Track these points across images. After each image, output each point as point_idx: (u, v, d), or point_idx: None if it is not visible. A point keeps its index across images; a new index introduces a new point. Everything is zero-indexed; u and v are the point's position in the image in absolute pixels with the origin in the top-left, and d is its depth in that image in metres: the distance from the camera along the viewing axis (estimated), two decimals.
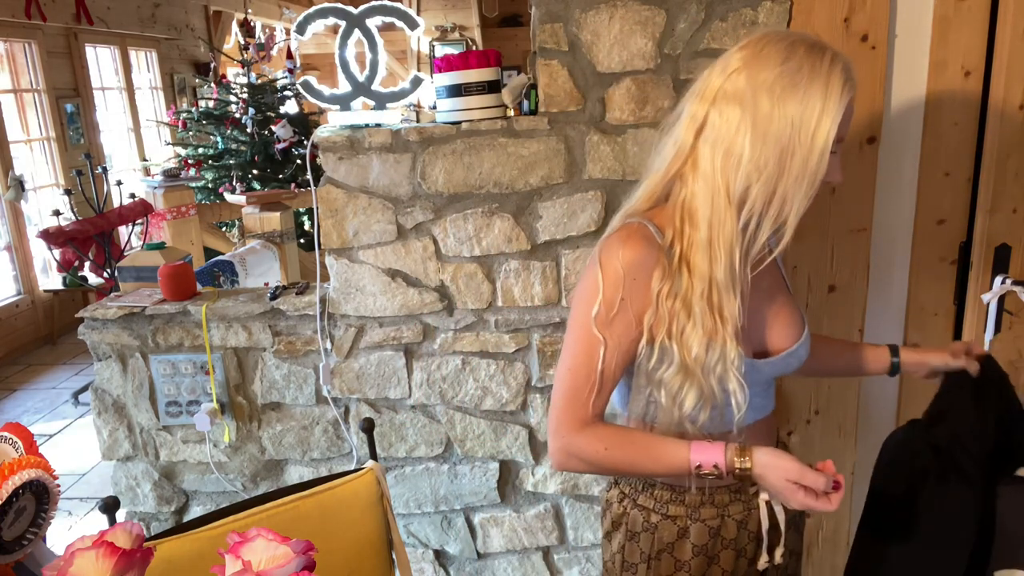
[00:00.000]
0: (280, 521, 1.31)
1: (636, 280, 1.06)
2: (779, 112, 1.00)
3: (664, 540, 1.19)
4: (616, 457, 1.08)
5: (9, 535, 1.00)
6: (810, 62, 1.00)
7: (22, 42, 5.48)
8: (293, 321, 1.93)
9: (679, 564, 1.19)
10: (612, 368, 1.08)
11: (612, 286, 1.06)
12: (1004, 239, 1.76)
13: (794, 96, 0.99)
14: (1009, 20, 1.64)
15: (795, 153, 1.00)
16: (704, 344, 1.04)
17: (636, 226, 1.09)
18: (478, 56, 1.77)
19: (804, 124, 0.99)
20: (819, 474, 1.01)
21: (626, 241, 1.07)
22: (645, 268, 1.06)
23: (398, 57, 8.78)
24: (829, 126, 0.99)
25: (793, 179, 1.01)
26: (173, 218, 4.51)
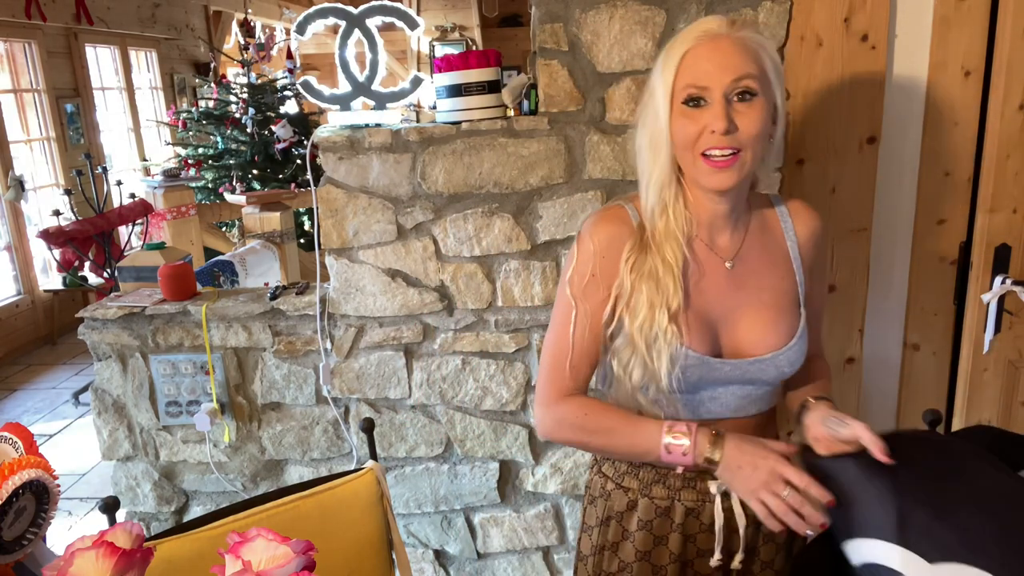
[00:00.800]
0: (280, 521, 1.31)
1: (606, 257, 1.13)
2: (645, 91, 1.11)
3: (614, 508, 1.23)
4: (594, 423, 1.13)
5: (9, 535, 1.00)
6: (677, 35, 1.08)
7: (22, 42, 5.48)
8: (293, 321, 1.93)
9: (626, 534, 1.23)
10: (586, 336, 1.15)
11: (585, 260, 1.14)
12: (1004, 239, 1.76)
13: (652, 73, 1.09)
14: (1009, 20, 1.64)
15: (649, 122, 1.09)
16: (643, 316, 1.09)
17: (615, 207, 1.17)
18: (478, 56, 1.77)
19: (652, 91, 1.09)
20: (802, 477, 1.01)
21: (601, 219, 1.16)
22: (615, 244, 1.13)
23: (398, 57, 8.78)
24: (663, 79, 1.06)
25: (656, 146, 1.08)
26: (173, 218, 4.51)
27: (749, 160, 1.05)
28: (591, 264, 1.14)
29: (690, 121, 1.04)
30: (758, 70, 1.03)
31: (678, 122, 1.05)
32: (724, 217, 1.14)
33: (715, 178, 1.05)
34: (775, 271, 1.17)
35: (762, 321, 1.14)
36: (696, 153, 1.05)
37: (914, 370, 1.89)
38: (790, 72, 1.72)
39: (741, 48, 1.03)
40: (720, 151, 1.03)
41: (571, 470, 1.99)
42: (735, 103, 1.03)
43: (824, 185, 1.78)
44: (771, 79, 1.05)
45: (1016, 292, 1.72)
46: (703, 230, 1.14)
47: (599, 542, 1.25)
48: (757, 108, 1.03)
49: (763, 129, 1.04)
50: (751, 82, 1.02)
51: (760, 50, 1.05)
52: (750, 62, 1.03)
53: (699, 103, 1.04)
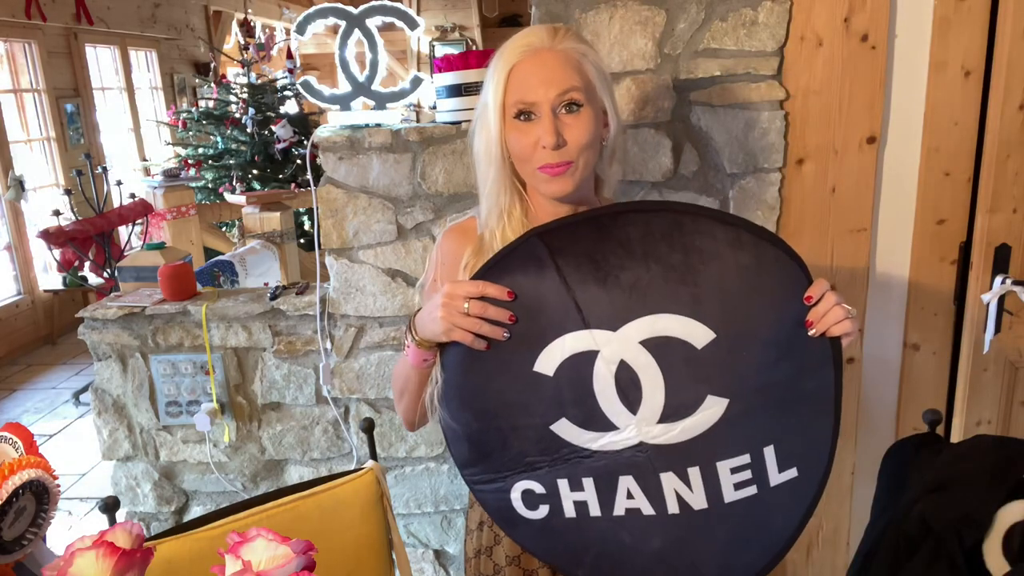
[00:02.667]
0: (280, 521, 1.31)
1: (445, 265, 1.20)
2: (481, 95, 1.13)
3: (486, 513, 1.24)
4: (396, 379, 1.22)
5: (9, 535, 1.00)
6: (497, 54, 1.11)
7: (22, 42, 5.48)
8: (293, 321, 1.93)
9: (497, 538, 1.28)
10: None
11: (431, 266, 1.23)
12: (1004, 239, 1.76)
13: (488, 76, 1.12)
14: (1009, 20, 1.64)
15: (483, 137, 1.12)
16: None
17: (468, 219, 1.23)
18: (478, 56, 1.77)
19: (483, 107, 1.12)
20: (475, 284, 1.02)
21: (449, 231, 1.23)
22: (455, 256, 1.18)
23: (398, 57, 8.78)
24: (492, 97, 1.08)
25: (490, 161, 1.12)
26: (173, 218, 4.51)
27: (581, 167, 1.09)
28: (435, 270, 1.21)
29: (523, 134, 1.08)
30: (582, 81, 1.07)
31: (512, 135, 1.09)
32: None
33: (552, 186, 1.09)
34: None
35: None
36: (533, 166, 1.09)
37: (914, 370, 1.89)
38: (790, 72, 1.72)
39: (564, 61, 1.07)
40: (553, 164, 1.07)
41: None
42: (562, 116, 1.07)
43: (824, 185, 1.78)
44: (596, 87, 1.09)
45: (1016, 292, 1.72)
46: None
47: (477, 545, 1.30)
48: (584, 118, 1.07)
49: (591, 138, 1.08)
50: (576, 94, 1.06)
51: (583, 60, 1.08)
52: (573, 74, 1.06)
53: (529, 117, 1.07)
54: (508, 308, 1.01)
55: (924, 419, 1.37)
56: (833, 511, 2.00)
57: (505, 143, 1.10)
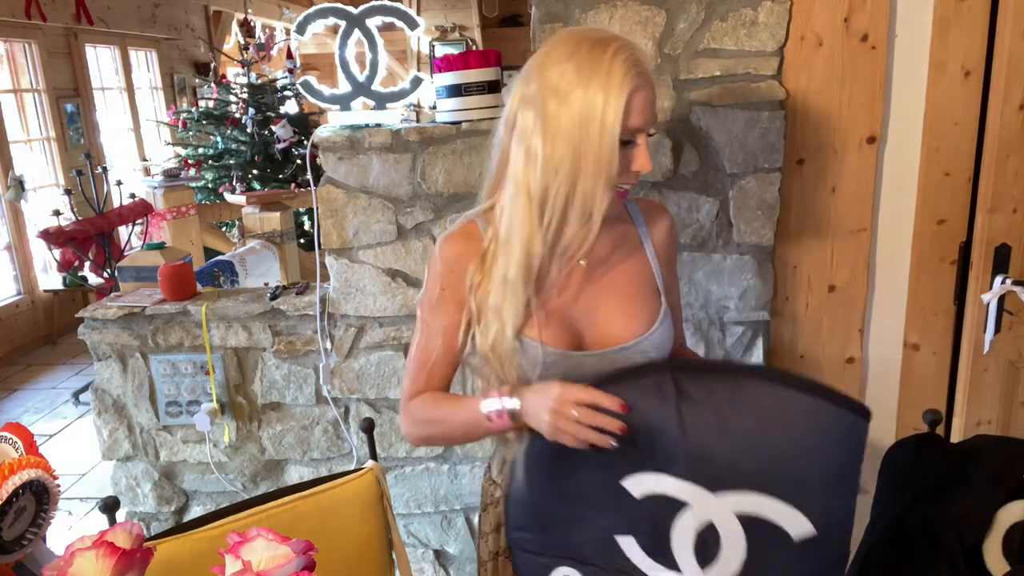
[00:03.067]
0: (280, 521, 1.31)
1: (453, 272, 1.15)
2: (565, 111, 1.02)
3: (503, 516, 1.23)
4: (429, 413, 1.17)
5: (9, 535, 1.00)
6: (591, 58, 1.02)
7: (22, 42, 5.48)
8: (293, 321, 1.93)
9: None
10: (437, 350, 1.18)
11: (434, 278, 1.18)
12: (1004, 239, 1.76)
13: (576, 93, 1.02)
14: (1009, 20, 1.64)
15: (586, 150, 1.02)
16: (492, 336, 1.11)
17: (466, 224, 1.18)
18: (478, 56, 1.77)
19: (591, 119, 1.01)
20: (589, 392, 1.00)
21: (449, 237, 1.18)
22: (461, 262, 1.15)
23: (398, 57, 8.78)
24: (613, 118, 1.01)
25: (591, 175, 1.03)
26: (173, 218, 4.51)
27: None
28: (440, 280, 1.17)
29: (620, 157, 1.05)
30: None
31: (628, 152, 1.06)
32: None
33: (615, 206, 1.09)
34: (629, 261, 1.20)
35: (623, 310, 1.17)
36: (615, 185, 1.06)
37: (914, 370, 1.89)
38: (790, 72, 1.72)
39: (654, 87, 1.07)
40: (630, 186, 1.08)
41: None
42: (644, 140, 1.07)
43: (824, 185, 1.78)
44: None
45: (1016, 292, 1.72)
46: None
47: (494, 548, 1.28)
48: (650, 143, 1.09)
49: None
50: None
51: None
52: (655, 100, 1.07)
53: (630, 144, 1.06)
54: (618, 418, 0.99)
55: (924, 419, 1.37)
56: None
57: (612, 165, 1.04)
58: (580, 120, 1.02)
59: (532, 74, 1.07)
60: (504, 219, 1.11)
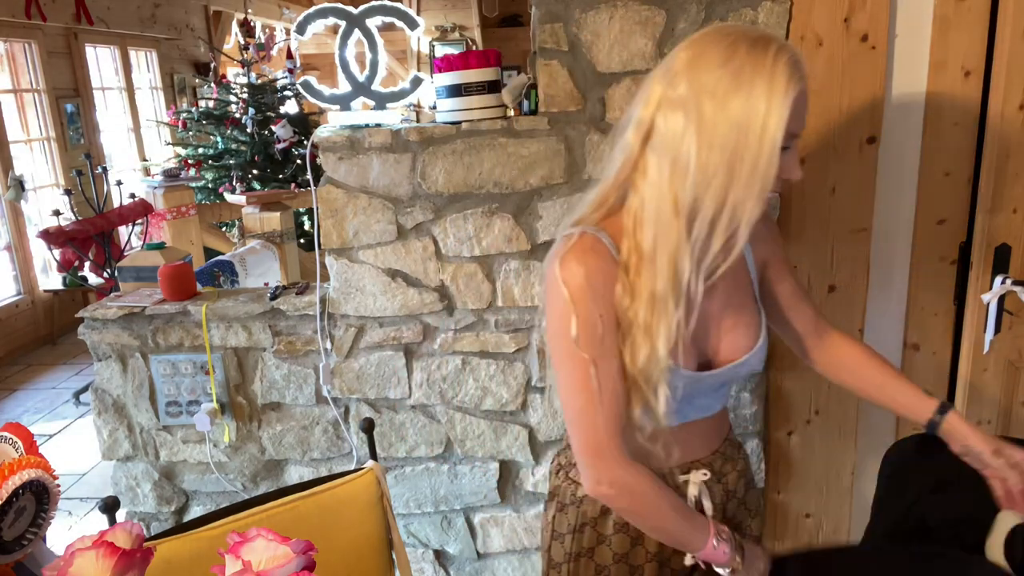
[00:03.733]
0: (280, 521, 1.31)
1: (604, 292, 1.04)
2: (723, 116, 0.95)
3: (588, 515, 1.21)
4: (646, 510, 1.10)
5: (9, 535, 1.00)
6: (752, 60, 0.95)
7: (22, 42, 5.48)
8: (293, 321, 1.93)
9: (601, 538, 1.21)
10: (614, 384, 1.05)
11: (585, 304, 1.03)
12: (1004, 239, 1.76)
13: (737, 98, 0.94)
14: (1009, 20, 1.64)
15: (744, 157, 0.95)
16: (646, 356, 1.03)
17: (590, 239, 1.05)
18: (478, 56, 1.77)
19: (751, 126, 0.94)
20: None
21: (583, 257, 1.04)
22: (608, 279, 1.04)
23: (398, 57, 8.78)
24: (776, 124, 0.94)
25: (744, 184, 0.96)
26: (173, 218, 4.51)
27: None
28: (592, 303, 1.03)
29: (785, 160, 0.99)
30: None
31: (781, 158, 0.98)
32: None
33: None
34: (736, 273, 1.16)
35: (736, 324, 1.15)
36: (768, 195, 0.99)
37: (914, 370, 1.89)
38: None
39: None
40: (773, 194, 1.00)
41: None
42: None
43: (824, 185, 1.78)
44: None
45: (1016, 292, 1.72)
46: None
47: (573, 549, 1.24)
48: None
49: None
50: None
51: None
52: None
53: (786, 149, 0.99)
54: None
55: None
56: (833, 511, 2.00)
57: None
58: (739, 126, 0.94)
59: (679, 76, 0.98)
60: (647, 233, 1.01)
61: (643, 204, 1.02)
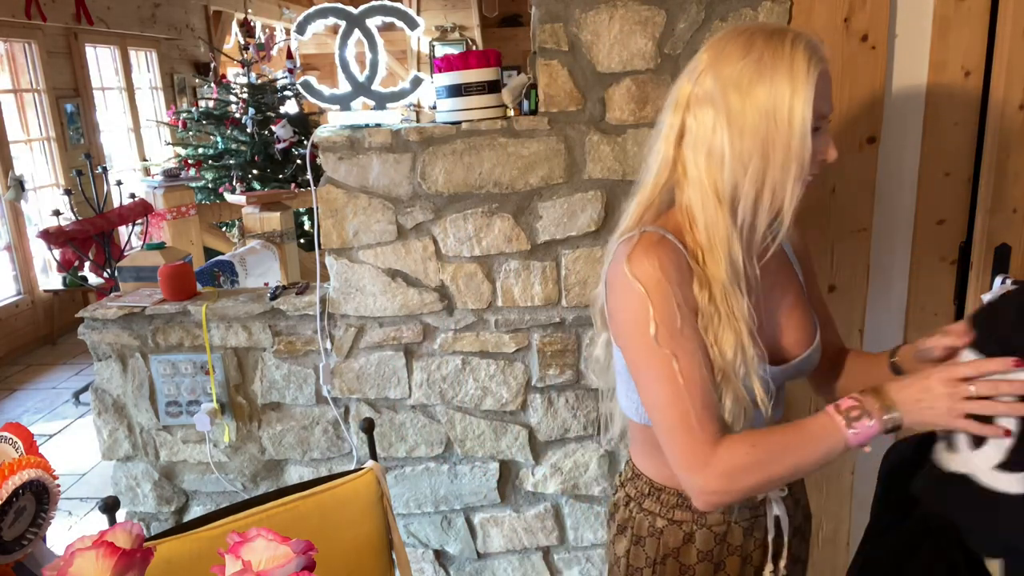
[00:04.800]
0: (280, 521, 1.31)
1: (679, 281, 1.03)
2: (750, 104, 0.99)
3: (670, 545, 1.18)
4: (766, 453, 1.00)
5: (9, 535, 1.00)
6: (771, 49, 0.99)
7: (22, 42, 5.48)
8: (293, 321, 1.93)
9: (684, 568, 1.18)
10: (707, 379, 1.03)
11: (662, 296, 1.01)
12: (1004, 239, 1.76)
13: (761, 85, 0.98)
14: (1009, 20, 1.64)
15: (776, 141, 0.99)
16: (733, 346, 1.03)
17: (653, 235, 1.05)
18: (478, 56, 1.77)
19: (778, 110, 0.98)
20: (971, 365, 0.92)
21: (651, 250, 1.03)
22: (680, 269, 1.03)
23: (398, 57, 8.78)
24: (803, 106, 0.97)
25: (780, 167, 1.00)
26: (173, 218, 4.51)
27: None
28: (671, 296, 1.01)
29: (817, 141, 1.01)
30: None
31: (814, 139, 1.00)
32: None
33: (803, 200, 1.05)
34: (786, 271, 1.19)
35: (795, 320, 1.17)
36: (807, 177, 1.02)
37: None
38: None
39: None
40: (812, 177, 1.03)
41: (571, 470, 1.99)
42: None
43: (824, 185, 1.78)
44: None
45: None
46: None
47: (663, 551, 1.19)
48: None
49: None
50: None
51: None
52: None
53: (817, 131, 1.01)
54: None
55: None
56: (833, 511, 2.00)
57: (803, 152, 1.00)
58: (767, 112, 0.98)
59: (704, 74, 1.02)
60: (699, 225, 1.05)
61: (690, 201, 1.06)
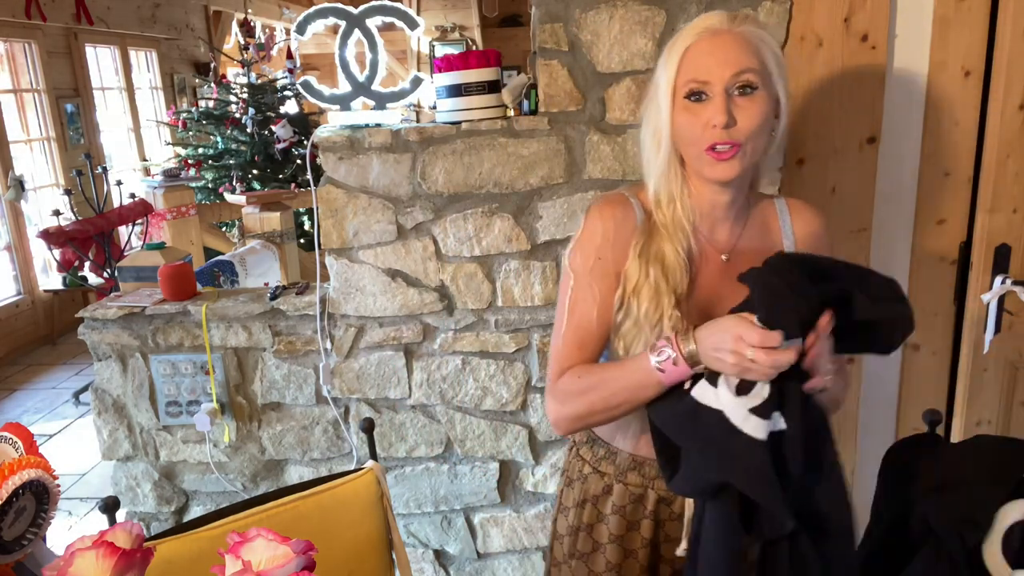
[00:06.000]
0: (280, 521, 1.31)
1: (615, 240, 1.15)
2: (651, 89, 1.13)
3: (590, 492, 1.26)
4: (587, 382, 1.11)
5: (9, 535, 1.00)
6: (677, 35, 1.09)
7: (22, 42, 5.48)
8: (293, 321, 1.93)
9: (600, 516, 1.26)
10: (593, 318, 1.15)
11: (590, 239, 1.16)
12: (1004, 239, 1.76)
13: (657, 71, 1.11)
14: (1009, 20, 1.64)
15: (653, 119, 1.11)
16: (655, 304, 1.11)
17: (618, 194, 1.20)
18: (478, 56, 1.77)
19: (656, 88, 1.10)
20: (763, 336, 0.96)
21: (608, 202, 1.19)
22: (622, 228, 1.15)
23: (398, 57, 8.78)
24: (667, 77, 1.07)
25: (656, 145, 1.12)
26: (173, 218, 4.50)
27: (750, 152, 1.06)
28: (597, 246, 1.15)
29: (693, 116, 1.06)
30: (759, 64, 1.05)
31: (681, 116, 1.07)
32: (724, 209, 1.15)
33: (717, 169, 1.07)
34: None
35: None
36: (701, 147, 1.06)
37: (914, 370, 1.89)
38: (790, 72, 1.71)
39: (742, 42, 1.05)
40: (722, 144, 1.05)
41: None
42: (736, 97, 1.04)
43: (824, 185, 1.78)
44: (772, 73, 1.07)
45: (1016, 292, 1.72)
46: (704, 221, 1.16)
47: (575, 523, 1.28)
48: (758, 102, 1.05)
49: (763, 122, 1.06)
50: (751, 76, 1.04)
51: (761, 44, 1.06)
52: (751, 56, 1.04)
53: (701, 97, 1.05)
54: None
55: (924, 419, 1.37)
56: None
57: (674, 126, 1.09)
58: (651, 89, 1.11)
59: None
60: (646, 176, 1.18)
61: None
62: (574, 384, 1.13)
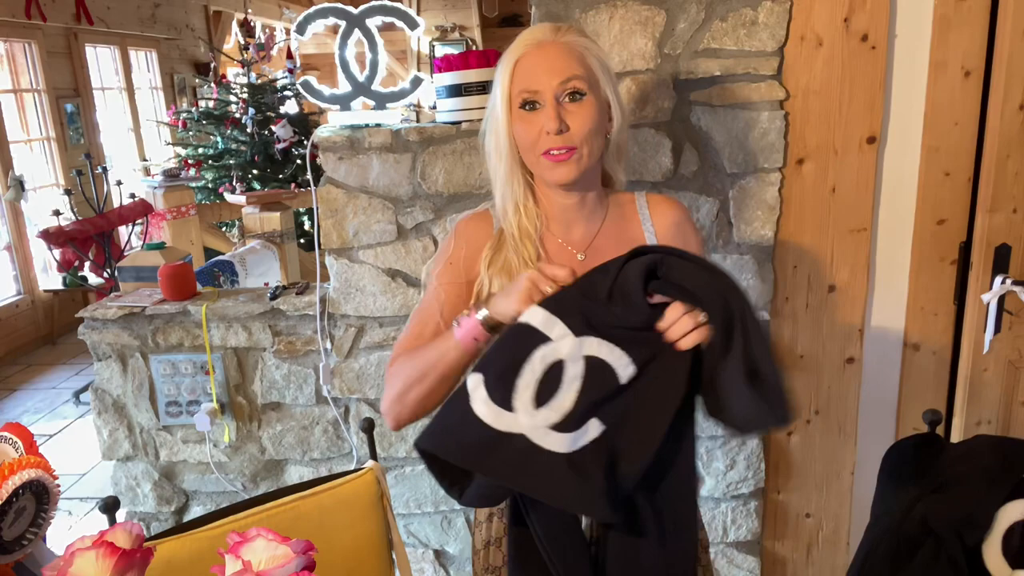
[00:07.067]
0: (280, 521, 1.31)
1: (466, 249, 1.21)
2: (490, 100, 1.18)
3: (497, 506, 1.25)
4: (404, 363, 1.14)
5: (9, 535, 1.00)
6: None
7: (22, 42, 5.48)
8: (293, 321, 1.93)
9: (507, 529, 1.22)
10: (428, 312, 1.20)
11: (445, 249, 1.24)
12: (1004, 239, 1.76)
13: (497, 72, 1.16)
14: (1009, 20, 1.64)
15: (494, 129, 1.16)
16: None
17: (483, 210, 1.27)
18: (478, 56, 1.77)
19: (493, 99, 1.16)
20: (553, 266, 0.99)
21: (468, 218, 1.26)
22: (475, 239, 1.21)
23: (398, 57, 8.78)
24: (502, 89, 1.13)
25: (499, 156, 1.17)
26: (173, 218, 4.51)
27: (586, 155, 1.12)
28: (449, 255, 1.22)
29: (528, 124, 1.12)
30: (584, 71, 1.11)
31: (518, 126, 1.13)
32: (574, 210, 1.20)
33: (556, 173, 1.13)
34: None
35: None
36: (537, 153, 1.12)
37: (914, 370, 1.89)
38: (790, 72, 1.72)
39: (566, 52, 1.11)
40: (556, 149, 1.11)
41: None
42: (566, 104, 1.11)
43: (824, 185, 1.78)
44: (599, 78, 1.13)
45: (1016, 292, 1.72)
46: (555, 225, 1.21)
47: (487, 536, 1.29)
48: (587, 107, 1.11)
49: (595, 126, 1.12)
50: (578, 83, 1.10)
51: (586, 52, 1.13)
52: (576, 64, 1.11)
53: (534, 106, 1.12)
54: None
55: (924, 419, 1.37)
56: (833, 511, 2.00)
57: (512, 135, 1.15)
58: (490, 102, 1.17)
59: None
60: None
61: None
62: (395, 367, 1.16)
